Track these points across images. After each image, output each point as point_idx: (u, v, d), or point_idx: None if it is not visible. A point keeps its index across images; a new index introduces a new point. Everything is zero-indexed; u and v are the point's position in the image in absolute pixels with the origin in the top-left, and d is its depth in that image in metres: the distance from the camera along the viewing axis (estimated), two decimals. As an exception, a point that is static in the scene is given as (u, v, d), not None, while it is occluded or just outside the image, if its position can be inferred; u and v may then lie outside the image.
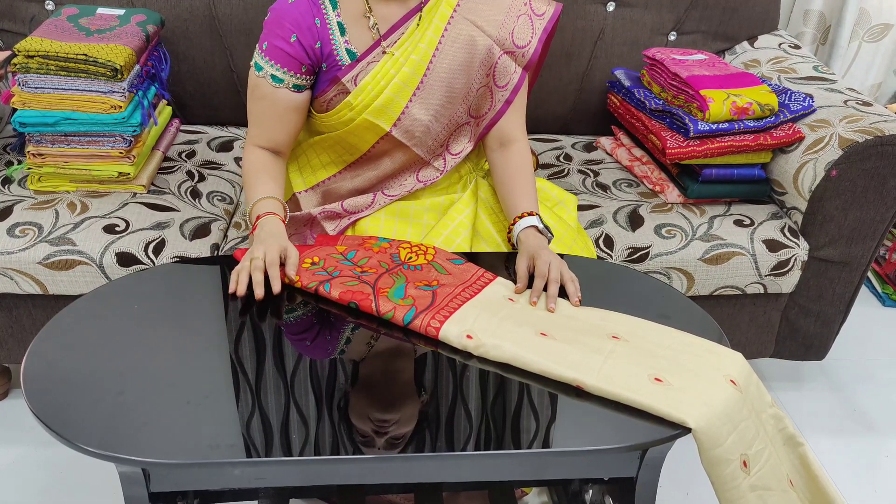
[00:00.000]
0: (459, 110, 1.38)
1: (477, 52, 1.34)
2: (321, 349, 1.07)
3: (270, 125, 1.32)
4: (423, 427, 0.96)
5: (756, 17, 2.00)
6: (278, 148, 1.35)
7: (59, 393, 0.95)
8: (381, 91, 1.30)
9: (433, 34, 1.31)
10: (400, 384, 1.04)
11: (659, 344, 1.06)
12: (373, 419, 0.96)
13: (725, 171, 1.65)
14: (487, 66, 1.36)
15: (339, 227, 1.41)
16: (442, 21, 1.31)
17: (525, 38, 1.36)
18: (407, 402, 1.00)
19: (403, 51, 1.30)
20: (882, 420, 1.86)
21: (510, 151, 1.40)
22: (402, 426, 0.96)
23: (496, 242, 1.36)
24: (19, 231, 1.44)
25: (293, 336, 1.09)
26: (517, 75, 1.38)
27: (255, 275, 1.13)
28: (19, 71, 1.46)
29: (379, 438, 0.93)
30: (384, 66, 1.30)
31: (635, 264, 1.55)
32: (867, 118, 1.58)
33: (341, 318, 1.11)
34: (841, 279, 1.66)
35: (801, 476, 1.07)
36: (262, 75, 1.28)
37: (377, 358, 1.07)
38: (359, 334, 1.10)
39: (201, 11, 1.81)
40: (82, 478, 1.57)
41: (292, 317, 1.12)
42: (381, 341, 1.08)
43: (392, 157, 1.40)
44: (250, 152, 1.34)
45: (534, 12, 1.37)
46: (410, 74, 1.30)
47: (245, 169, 1.34)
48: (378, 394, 1.01)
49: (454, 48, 1.32)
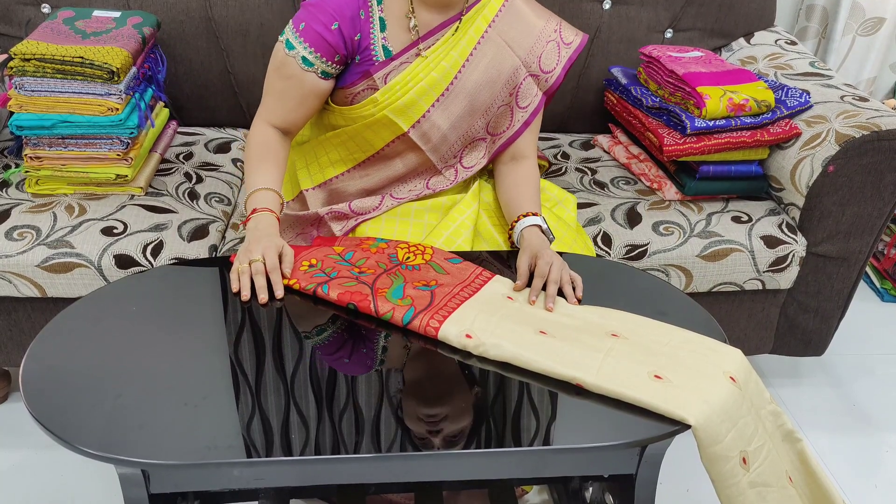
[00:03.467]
0: (478, 124, 1.39)
1: (504, 71, 1.35)
2: (358, 363, 1.06)
3: (289, 105, 1.31)
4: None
5: (752, 14, 2.00)
6: (289, 129, 1.34)
7: (58, 395, 0.95)
8: (407, 91, 1.30)
9: (466, 45, 1.32)
10: (445, 380, 1.03)
11: (658, 341, 1.06)
12: (422, 416, 0.96)
13: (723, 168, 1.65)
14: (512, 86, 1.37)
15: (345, 227, 1.40)
16: (476, 34, 1.32)
17: (551, 65, 1.37)
18: (456, 397, 1.00)
19: (436, 56, 1.31)
20: (881, 415, 1.87)
21: (519, 166, 1.42)
22: (455, 422, 0.95)
23: (497, 243, 1.36)
24: (17, 234, 1.44)
25: (329, 356, 1.07)
26: (538, 98, 1.40)
27: (257, 280, 1.14)
28: (16, 74, 1.46)
29: (434, 438, 0.93)
30: (416, 68, 1.30)
31: (633, 262, 1.55)
32: (864, 114, 1.59)
33: (372, 330, 1.10)
34: (839, 275, 1.66)
35: (800, 472, 1.08)
36: (292, 55, 1.26)
37: (415, 360, 1.06)
38: (392, 340, 1.09)
39: (197, 13, 1.81)
40: (83, 480, 1.57)
41: (324, 338, 1.11)
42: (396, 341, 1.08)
43: (404, 158, 1.40)
44: (260, 128, 1.32)
45: (562, 40, 1.38)
46: (438, 80, 1.31)
47: (250, 145, 1.31)
48: (424, 392, 1.01)
49: (483, 63, 1.33)
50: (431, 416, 0.97)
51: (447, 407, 0.98)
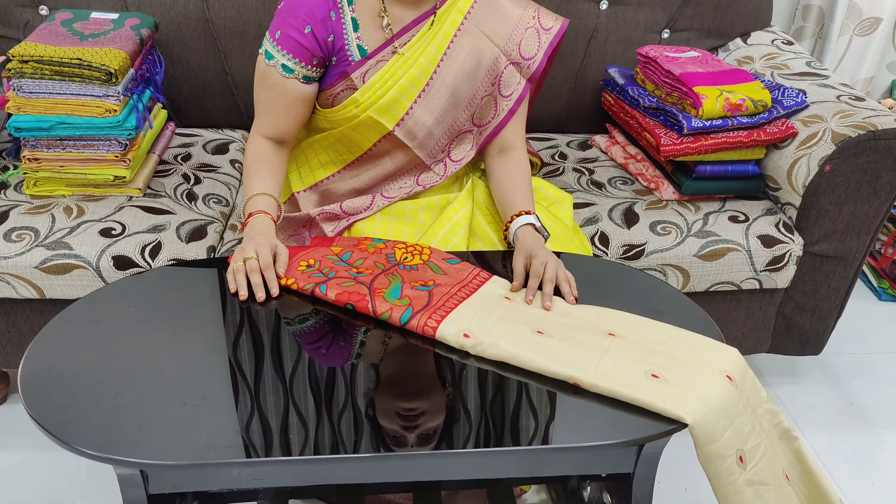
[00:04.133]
0: (462, 117, 1.39)
1: (484, 61, 1.35)
2: (337, 356, 1.07)
3: (278, 115, 1.32)
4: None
5: (749, 14, 2.00)
6: (283, 138, 1.35)
7: (56, 396, 0.95)
8: (387, 90, 1.31)
9: (443, 39, 1.32)
10: (421, 378, 1.04)
11: (655, 340, 1.06)
12: (399, 412, 0.96)
13: (719, 168, 1.65)
14: (493, 76, 1.37)
15: (337, 228, 1.41)
16: (452, 27, 1.32)
17: (531, 51, 1.37)
18: (431, 394, 1.01)
19: (413, 52, 1.31)
20: (879, 414, 1.87)
21: (509, 157, 1.41)
22: (431, 419, 0.96)
23: (492, 242, 1.36)
24: (16, 236, 1.44)
25: (308, 345, 1.09)
26: (521, 86, 1.40)
27: (253, 277, 1.14)
28: (14, 76, 1.46)
29: (410, 434, 0.93)
30: (393, 65, 1.31)
31: (631, 261, 1.56)
32: (860, 113, 1.59)
33: (351, 324, 1.11)
34: (836, 274, 1.66)
35: (796, 471, 1.08)
36: (272, 64, 1.28)
37: (395, 357, 1.07)
38: (371, 336, 1.10)
39: (195, 15, 1.81)
40: (82, 481, 1.57)
41: (304, 327, 1.12)
42: (394, 340, 1.08)
43: (392, 157, 1.40)
44: (255, 142, 1.34)
45: (541, 26, 1.38)
46: (417, 76, 1.31)
47: (247, 159, 1.34)
48: (401, 389, 1.01)
49: (462, 55, 1.33)
50: (409, 411, 0.97)
51: (427, 402, 0.99)
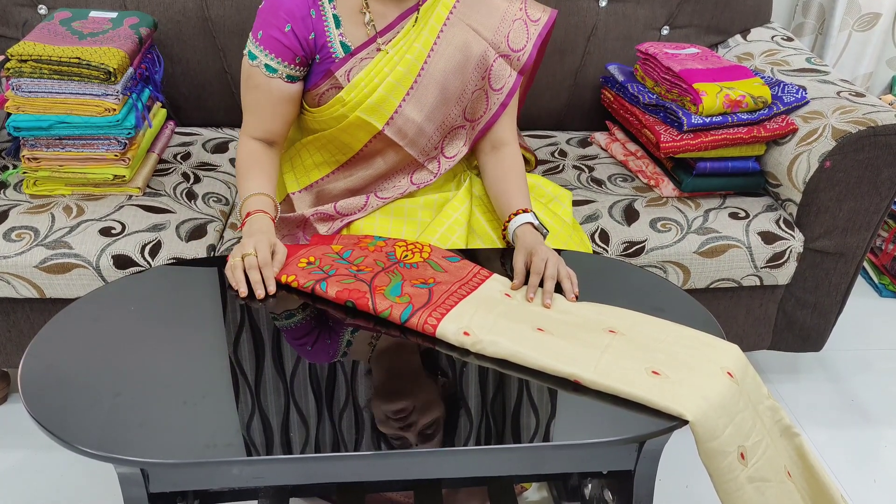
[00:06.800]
0: (453, 112, 1.38)
1: (472, 55, 1.34)
2: (323, 353, 1.07)
3: (264, 115, 1.32)
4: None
5: (748, 10, 2.00)
6: (272, 138, 1.35)
7: (56, 395, 0.95)
8: (374, 89, 1.30)
9: (429, 35, 1.31)
10: (409, 374, 1.04)
11: (655, 337, 1.06)
12: (389, 416, 0.96)
13: (720, 165, 1.65)
14: (482, 70, 1.36)
15: (331, 228, 1.41)
16: (438, 23, 1.31)
17: (520, 43, 1.37)
18: (417, 391, 1.01)
19: (398, 50, 1.30)
20: (880, 410, 1.87)
21: (501, 154, 1.41)
22: (427, 414, 0.96)
23: (492, 239, 1.36)
24: (15, 235, 1.44)
25: (295, 341, 1.09)
26: (512, 79, 1.38)
27: (251, 274, 1.14)
28: (13, 75, 1.46)
29: (408, 434, 0.93)
30: (378, 63, 1.30)
31: (631, 258, 1.56)
32: (860, 109, 1.59)
33: (339, 321, 1.11)
34: (837, 270, 1.66)
35: (798, 467, 1.08)
36: (255, 64, 1.28)
37: (382, 357, 1.07)
38: (358, 336, 1.10)
39: (194, 13, 1.81)
40: (82, 480, 1.57)
41: (291, 322, 1.12)
42: (381, 339, 1.08)
43: (385, 156, 1.40)
44: (244, 143, 1.34)
45: (529, 18, 1.37)
46: (405, 74, 1.30)
47: (238, 161, 1.34)
48: (385, 392, 1.01)
49: (449, 50, 1.32)
50: (398, 413, 0.97)
51: (414, 399, 0.99)
